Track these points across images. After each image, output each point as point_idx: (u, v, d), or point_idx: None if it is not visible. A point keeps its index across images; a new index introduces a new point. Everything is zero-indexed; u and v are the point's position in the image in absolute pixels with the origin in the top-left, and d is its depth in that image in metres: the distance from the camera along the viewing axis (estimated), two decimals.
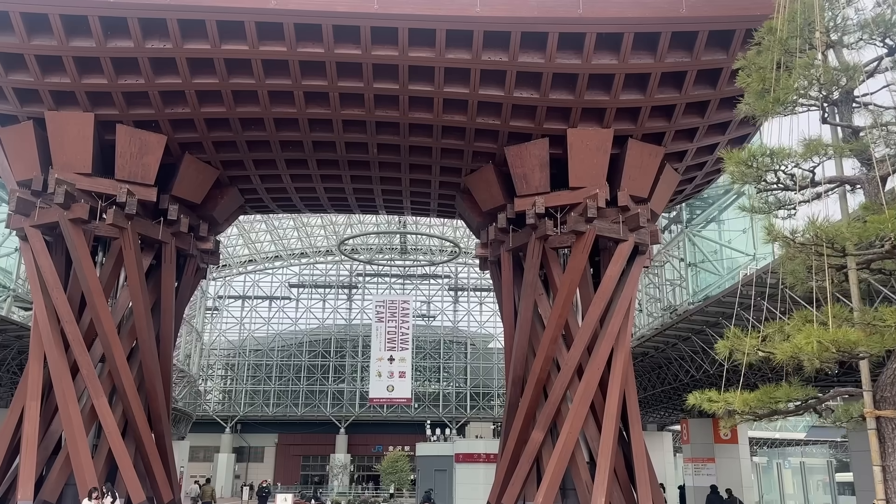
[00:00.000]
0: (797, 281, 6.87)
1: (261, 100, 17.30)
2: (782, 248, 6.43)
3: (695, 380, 21.04)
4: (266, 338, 70.27)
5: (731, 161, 6.81)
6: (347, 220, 64.99)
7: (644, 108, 17.67)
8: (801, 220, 6.95)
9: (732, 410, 6.77)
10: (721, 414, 7.02)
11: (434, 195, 21.46)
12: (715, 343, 20.12)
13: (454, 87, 17.01)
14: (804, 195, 6.58)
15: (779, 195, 6.97)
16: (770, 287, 12.20)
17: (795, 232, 6.17)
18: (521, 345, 19.12)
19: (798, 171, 6.56)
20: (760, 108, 7.07)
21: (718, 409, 6.80)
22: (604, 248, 19.36)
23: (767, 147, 6.78)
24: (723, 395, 6.80)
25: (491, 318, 69.79)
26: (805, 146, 6.47)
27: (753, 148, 6.98)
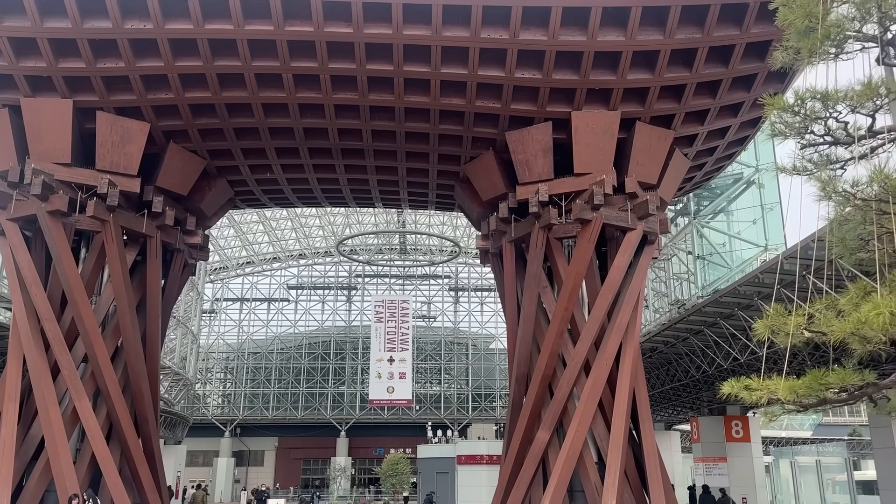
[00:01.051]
0: (847, 250, 5.94)
1: (248, 83, 16.40)
2: (839, 205, 5.50)
3: (707, 375, 20.13)
4: (265, 340, 69.45)
5: (772, 109, 5.87)
6: (346, 220, 64.16)
7: (653, 89, 16.76)
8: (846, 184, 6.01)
9: (775, 400, 5.83)
10: (762, 403, 6.09)
11: (432, 185, 20.53)
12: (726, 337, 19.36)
13: (452, 67, 16.10)
14: (858, 150, 5.63)
15: (825, 152, 6.03)
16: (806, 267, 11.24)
17: (858, 184, 5.24)
18: (524, 340, 18.19)
19: (852, 118, 5.62)
20: (806, 45, 6.12)
21: (760, 398, 5.87)
22: (611, 238, 18.44)
23: (818, 89, 5.84)
24: (764, 383, 5.86)
25: (492, 319, 68.92)
26: (864, 87, 5.54)
27: (802, 91, 6.05)
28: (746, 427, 26.17)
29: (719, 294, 17.13)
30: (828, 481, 26.37)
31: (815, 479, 24.28)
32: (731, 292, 16.36)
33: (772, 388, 5.79)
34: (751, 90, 17.25)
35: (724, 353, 18.27)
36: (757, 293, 15.71)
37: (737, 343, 18.04)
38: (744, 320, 16.69)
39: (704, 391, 25.23)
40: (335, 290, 70.31)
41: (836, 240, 5.97)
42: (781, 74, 17.22)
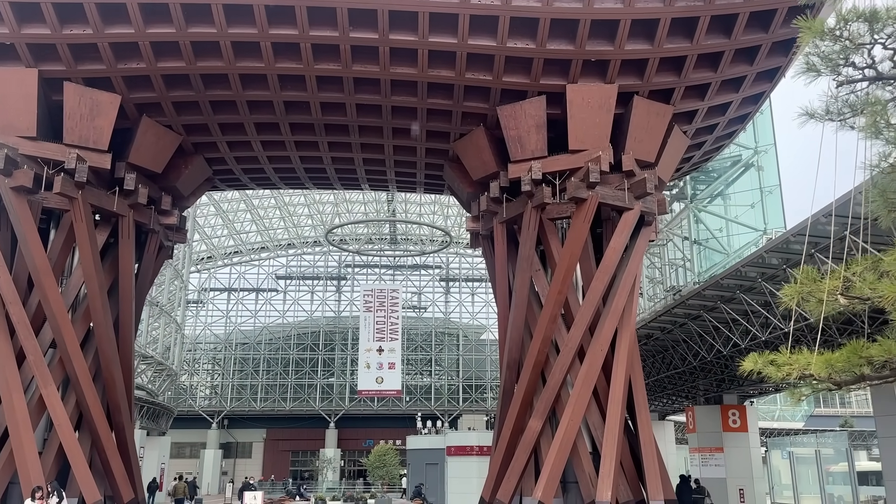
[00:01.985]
0: (890, 206, 5.12)
1: (224, 52, 15.47)
2: (890, 143, 4.69)
3: (705, 362, 19.39)
4: (253, 331, 68.51)
5: (809, 35, 5.02)
6: (335, 209, 63.18)
7: (652, 61, 15.94)
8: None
9: (807, 376, 5.03)
10: (793, 380, 5.30)
11: (420, 165, 19.66)
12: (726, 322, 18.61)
13: (441, 36, 15.23)
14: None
15: (862, 92, 5.21)
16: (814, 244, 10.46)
17: None
18: (516, 325, 17.40)
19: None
20: None
21: (790, 373, 5.06)
22: (606, 219, 17.66)
23: (864, 9, 4.99)
24: (796, 357, 5.05)
25: (483, 309, 68.19)
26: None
27: (845, 10, 5.21)
28: (744, 416, 25.51)
29: (720, 276, 16.38)
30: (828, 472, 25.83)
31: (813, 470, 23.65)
32: (734, 273, 15.60)
33: (802, 363, 4.97)
34: (753, 63, 16.46)
35: (723, 339, 17.52)
36: (761, 274, 14.95)
37: (737, 327, 17.30)
38: (746, 304, 15.94)
39: (701, 379, 24.57)
40: (324, 280, 69.37)
41: (877, 194, 5.15)
42: (785, 46, 16.46)
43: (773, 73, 17.27)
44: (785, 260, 13.44)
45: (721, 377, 24.08)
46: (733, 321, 17.38)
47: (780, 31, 15.77)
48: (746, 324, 16.49)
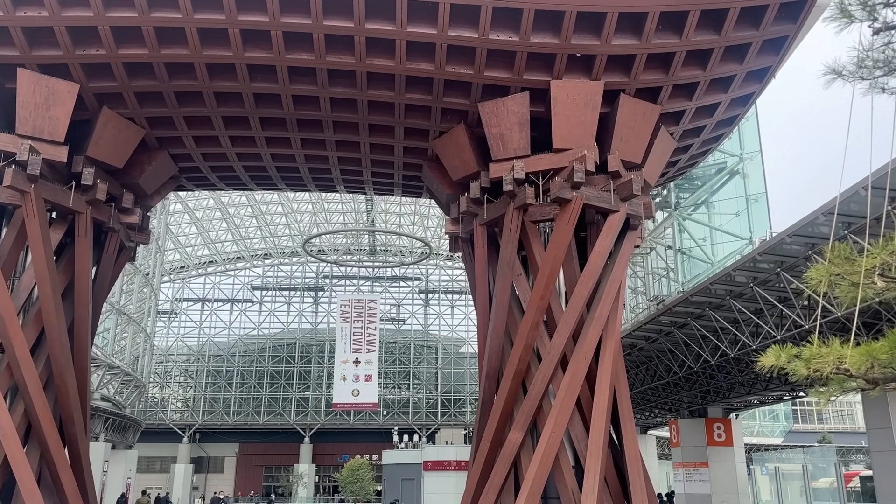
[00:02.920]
0: None
1: (190, 39, 14.57)
2: None
3: (691, 372, 18.66)
4: (227, 343, 67.20)
5: None
6: (313, 218, 62.24)
7: (639, 57, 15.30)
8: None
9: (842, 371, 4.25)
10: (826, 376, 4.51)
11: (398, 165, 18.83)
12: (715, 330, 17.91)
13: (419, 26, 14.47)
14: None
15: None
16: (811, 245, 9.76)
17: None
18: (496, 333, 16.57)
19: None
20: None
21: (823, 368, 4.28)
22: (591, 223, 16.95)
23: None
24: (828, 349, 4.27)
25: (462, 322, 67.43)
26: None
27: None
28: (729, 430, 24.83)
29: (710, 280, 15.70)
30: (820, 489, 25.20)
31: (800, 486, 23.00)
32: (724, 278, 14.91)
33: (835, 356, 4.19)
34: (743, 62, 15.89)
35: (711, 347, 16.82)
36: (752, 279, 14.28)
37: (726, 336, 16.61)
38: (737, 311, 15.25)
39: (685, 391, 23.88)
40: (301, 291, 68.21)
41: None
42: (776, 45, 15.93)
43: (762, 74, 16.72)
44: (779, 263, 12.80)
45: (706, 389, 23.41)
46: (722, 329, 16.71)
47: (771, 29, 15.23)
48: (736, 331, 15.81)
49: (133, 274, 41.28)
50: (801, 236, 11.91)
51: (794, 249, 12.74)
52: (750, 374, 20.22)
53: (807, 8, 14.90)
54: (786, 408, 67.85)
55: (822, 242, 11.19)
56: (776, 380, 21.11)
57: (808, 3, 14.79)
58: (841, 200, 10.00)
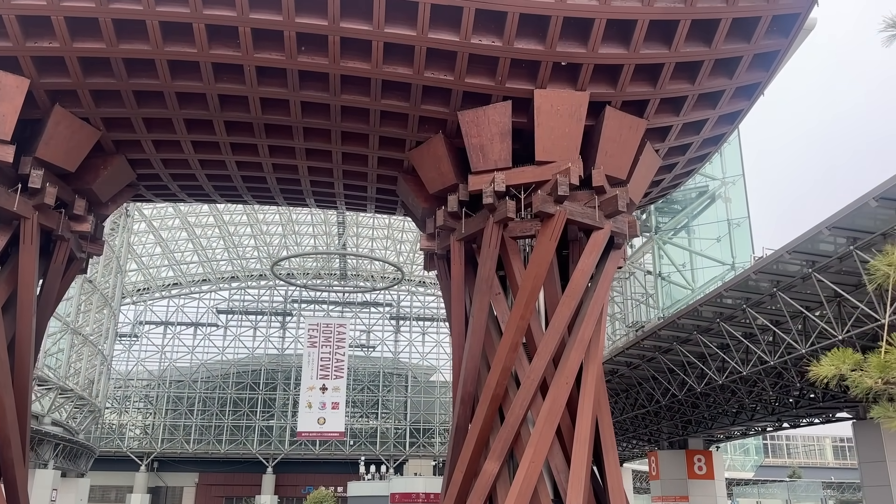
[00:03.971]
0: None
1: (151, 34, 13.61)
2: None
3: (674, 400, 17.81)
4: (189, 368, 65.02)
5: None
6: (283, 240, 60.87)
7: (626, 67, 14.67)
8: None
9: None
10: None
11: (372, 177, 17.90)
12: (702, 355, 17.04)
13: (398, 27, 13.68)
14: None
15: None
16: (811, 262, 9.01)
17: None
18: (472, 355, 15.60)
19: None
20: None
21: None
22: (573, 240, 16.16)
23: None
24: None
25: (434, 350, 66.18)
26: None
27: None
28: (710, 462, 23.99)
29: (699, 301, 14.93)
30: None
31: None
32: (714, 300, 14.14)
33: None
34: (733, 76, 15.37)
35: (697, 373, 15.99)
36: (745, 299, 13.53)
37: (714, 360, 15.81)
38: (728, 336, 14.46)
39: (666, 420, 23.03)
40: (268, 315, 66.48)
41: None
42: (767, 60, 15.43)
43: (752, 90, 16.22)
44: (775, 283, 12.07)
45: (688, 418, 22.59)
46: (710, 355, 15.93)
47: (762, 43, 14.73)
48: (724, 356, 15.02)
49: (91, 293, 39.56)
50: (802, 253, 11.20)
51: (792, 269, 12.03)
52: (735, 403, 19.49)
53: (799, 21, 14.43)
54: (757, 442, 67.48)
55: (824, 260, 10.47)
56: (763, 409, 20.41)
57: (800, 17, 14.32)
58: (845, 215, 9.30)
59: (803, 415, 20.69)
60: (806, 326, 13.16)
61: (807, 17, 14.43)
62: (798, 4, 14.06)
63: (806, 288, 12.83)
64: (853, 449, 77.45)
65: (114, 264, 43.25)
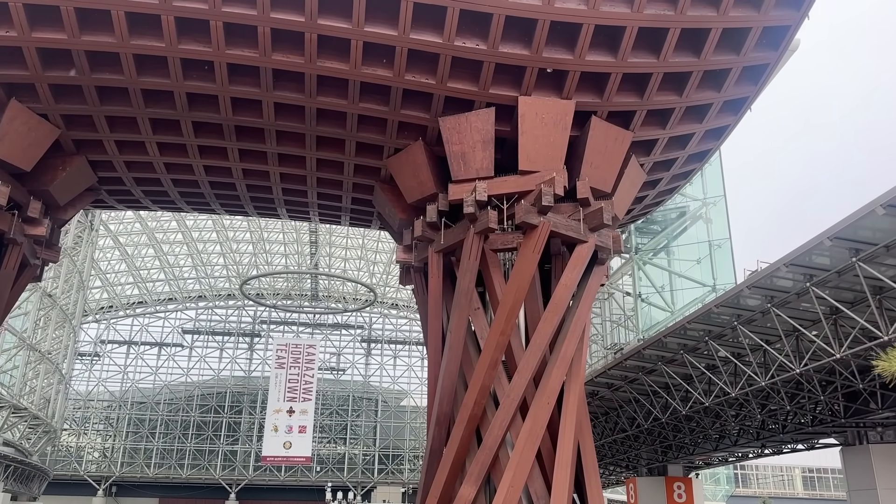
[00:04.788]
0: None
1: (116, 26, 12.84)
2: None
3: (657, 423, 17.17)
4: (152, 389, 63.11)
5: None
6: (253, 259, 59.68)
7: (613, 77, 14.22)
8: None
9: None
10: None
11: (347, 185, 17.16)
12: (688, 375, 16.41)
13: (378, 25, 13.09)
14: None
15: None
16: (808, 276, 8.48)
17: None
18: (449, 373, 14.83)
19: None
20: None
21: None
22: (556, 254, 15.56)
23: None
24: None
25: (405, 374, 65.07)
26: None
27: None
28: (690, 490, 23.34)
29: (687, 319, 14.37)
30: None
31: None
32: (703, 317, 13.59)
33: None
34: (721, 89, 15.01)
35: (682, 394, 15.39)
36: (737, 316, 12.99)
37: (701, 381, 15.23)
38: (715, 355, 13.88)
39: (646, 446, 22.38)
40: (236, 336, 64.90)
41: None
42: (756, 73, 15.12)
43: (739, 105, 15.89)
44: (769, 298, 11.55)
45: (669, 444, 21.96)
46: (697, 375, 15.34)
47: (751, 55, 14.40)
48: (711, 376, 14.44)
49: (51, 308, 38.04)
50: (799, 266, 10.68)
51: (785, 284, 11.52)
52: (718, 427, 18.93)
53: (789, 34, 14.14)
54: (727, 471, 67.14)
55: (822, 274, 9.96)
56: (747, 434, 19.87)
57: (790, 30, 14.02)
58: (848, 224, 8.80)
59: (789, 440, 20.22)
60: (799, 347, 12.65)
61: (797, 30, 14.14)
62: (788, 17, 13.77)
63: (800, 304, 12.35)
64: (823, 480, 77.58)
65: (76, 279, 41.76)
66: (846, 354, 11.75)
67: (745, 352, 13.48)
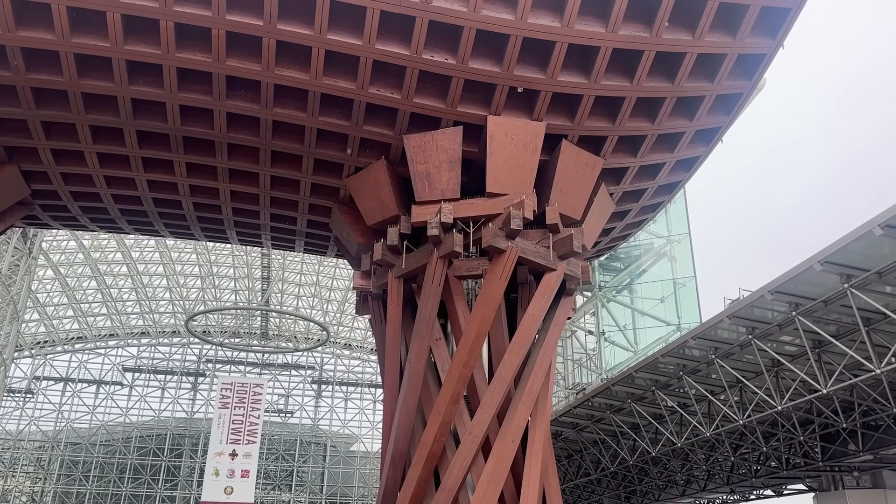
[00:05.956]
0: None
1: (56, 22, 11.82)
2: None
3: (624, 466, 16.30)
4: (88, 430, 59.79)
5: None
6: (201, 294, 57.61)
7: (586, 99, 13.71)
8: None
9: None
10: None
11: (303, 207, 16.18)
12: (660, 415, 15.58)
13: (342, 34, 12.36)
14: None
15: None
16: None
17: None
18: (407, 407, 13.79)
19: None
20: None
21: None
22: (523, 283, 14.83)
23: None
24: None
25: (356, 417, 63.09)
26: None
27: None
28: None
29: (660, 353, 13.63)
30: None
31: None
32: (675, 351, 12.88)
33: None
34: (693, 118, 14.63)
35: (653, 433, 14.57)
36: (714, 349, 12.31)
37: (673, 419, 14.45)
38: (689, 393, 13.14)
39: (610, 490, 21.43)
40: (179, 375, 62.22)
41: None
42: (729, 103, 14.81)
43: (711, 135, 15.56)
44: (750, 329, 10.91)
45: (634, 488, 21.06)
46: (670, 412, 14.58)
47: (725, 83, 14.08)
48: (684, 413, 13.70)
49: None
50: (785, 294, 10.08)
51: (767, 314, 10.90)
52: (686, 472, 18.15)
53: (764, 63, 13.86)
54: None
55: (808, 303, 9.35)
56: (717, 478, 19.12)
57: (765, 58, 13.76)
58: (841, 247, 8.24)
59: (759, 485, 19.56)
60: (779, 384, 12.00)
61: (772, 59, 13.89)
62: (764, 45, 13.50)
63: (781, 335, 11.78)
64: None
65: (9, 310, 39.39)
66: (831, 391, 11.20)
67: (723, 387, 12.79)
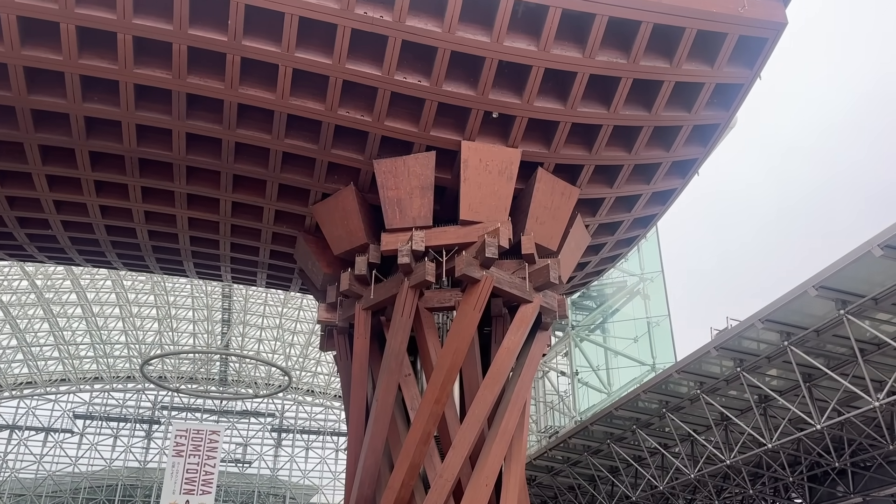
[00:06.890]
0: None
1: (6, 34, 11.10)
2: None
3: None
4: (34, 480, 56.73)
5: None
6: (158, 337, 55.67)
7: (562, 126, 13.34)
8: None
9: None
10: None
11: (266, 236, 15.38)
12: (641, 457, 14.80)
13: (310, 52, 11.84)
14: None
15: None
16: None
17: None
18: (373, 449, 12.89)
19: None
20: None
21: None
22: (497, 316, 14.19)
23: None
24: None
25: (317, 467, 60.97)
26: None
27: None
28: None
29: (641, 388, 13.00)
30: None
31: None
32: (658, 386, 12.25)
33: None
34: (670, 149, 14.35)
35: (632, 476, 13.84)
36: (699, 384, 11.74)
37: (654, 461, 13.75)
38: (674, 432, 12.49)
39: None
40: (132, 422, 59.66)
41: None
42: (706, 134, 14.58)
43: (688, 167, 15.29)
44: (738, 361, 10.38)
45: None
46: (651, 453, 13.89)
47: (702, 114, 13.86)
48: (669, 455, 13.02)
49: None
50: (776, 322, 9.57)
51: (755, 345, 10.38)
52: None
53: (742, 93, 13.68)
54: None
55: (800, 332, 8.87)
56: None
57: (743, 88, 13.58)
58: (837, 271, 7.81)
59: None
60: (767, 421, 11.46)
61: (749, 89, 13.73)
62: (742, 75, 13.34)
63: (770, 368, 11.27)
64: None
65: None
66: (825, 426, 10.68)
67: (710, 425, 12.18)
